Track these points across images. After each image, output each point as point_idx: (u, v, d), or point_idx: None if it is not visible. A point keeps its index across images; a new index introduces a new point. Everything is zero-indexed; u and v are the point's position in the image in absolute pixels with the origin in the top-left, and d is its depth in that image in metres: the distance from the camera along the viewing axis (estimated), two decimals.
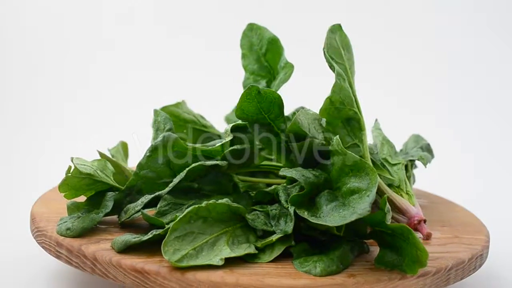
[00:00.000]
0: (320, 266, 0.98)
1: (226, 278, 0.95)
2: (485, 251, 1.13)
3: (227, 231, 1.04)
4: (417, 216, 1.14)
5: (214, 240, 1.02)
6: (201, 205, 1.02)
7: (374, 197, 0.97)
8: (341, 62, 1.16)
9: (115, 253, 1.01)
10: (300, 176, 1.04)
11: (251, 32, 1.34)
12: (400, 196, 1.16)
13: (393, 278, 0.98)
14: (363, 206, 0.96)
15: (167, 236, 0.98)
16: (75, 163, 1.08)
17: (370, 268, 1.01)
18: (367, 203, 0.96)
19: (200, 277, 0.95)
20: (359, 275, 0.98)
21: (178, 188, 1.10)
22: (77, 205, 1.13)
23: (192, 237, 1.01)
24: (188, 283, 0.95)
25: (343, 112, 1.16)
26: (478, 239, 1.15)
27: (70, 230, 1.06)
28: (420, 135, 1.40)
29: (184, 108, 1.37)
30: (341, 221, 0.96)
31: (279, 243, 1.03)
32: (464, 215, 1.29)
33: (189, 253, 0.98)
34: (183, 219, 1.01)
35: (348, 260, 1.01)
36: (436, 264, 1.03)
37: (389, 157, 1.22)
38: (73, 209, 1.12)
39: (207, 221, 1.03)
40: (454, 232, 1.18)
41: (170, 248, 0.98)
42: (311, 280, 0.95)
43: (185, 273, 0.95)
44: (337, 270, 0.98)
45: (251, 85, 1.09)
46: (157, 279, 0.96)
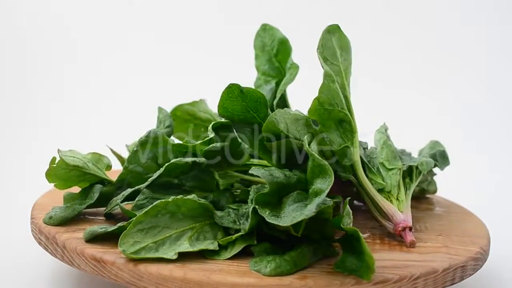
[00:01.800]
0: (271, 266, 0.97)
1: (174, 272, 0.96)
2: (472, 263, 1.07)
3: (194, 227, 1.05)
4: (402, 223, 1.11)
5: (178, 235, 1.03)
6: (169, 200, 1.04)
7: (322, 199, 0.95)
8: (336, 63, 1.15)
9: (84, 242, 1.05)
10: (267, 175, 1.04)
11: (264, 32, 1.34)
12: (389, 202, 1.13)
13: (346, 283, 0.95)
14: (310, 207, 0.95)
15: (128, 228, 1.01)
16: (61, 154, 1.12)
17: (328, 272, 0.98)
18: (314, 204, 0.95)
19: (150, 270, 0.97)
20: (312, 277, 0.96)
21: (158, 183, 1.12)
22: (72, 196, 1.18)
23: (157, 230, 1.02)
24: (139, 275, 0.97)
25: (334, 113, 1.14)
26: (469, 250, 1.10)
27: (52, 219, 1.11)
28: (438, 142, 1.35)
29: (200, 107, 1.39)
30: (290, 221, 0.95)
31: (240, 241, 1.03)
32: (472, 225, 1.23)
33: (148, 245, 1.00)
34: (149, 212, 1.03)
35: (305, 262, 0.99)
36: (401, 272, 0.99)
37: (387, 161, 1.19)
38: (68, 200, 1.17)
39: (176, 216, 1.04)
40: (447, 241, 1.13)
41: (130, 239, 1.00)
42: (257, 279, 0.95)
43: (138, 265, 0.97)
44: (288, 271, 0.97)
45: (231, 83, 1.09)
46: (112, 269, 0.99)
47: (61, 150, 1.13)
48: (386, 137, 1.23)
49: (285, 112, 1.09)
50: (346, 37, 1.17)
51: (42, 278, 1.19)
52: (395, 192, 1.15)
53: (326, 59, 1.14)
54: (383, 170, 1.18)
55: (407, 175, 1.20)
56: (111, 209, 1.13)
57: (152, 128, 1.17)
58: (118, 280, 0.99)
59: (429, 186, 1.36)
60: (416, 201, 1.37)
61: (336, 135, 1.16)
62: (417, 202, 1.36)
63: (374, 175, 1.17)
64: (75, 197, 1.17)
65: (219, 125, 1.14)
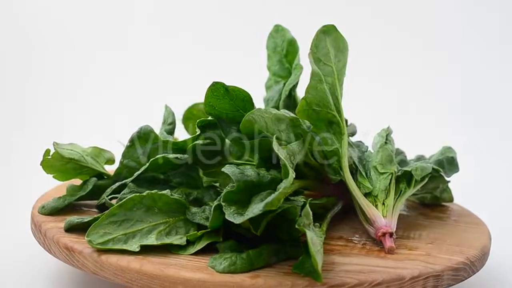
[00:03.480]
0: (225, 263, 0.97)
1: (131, 264, 0.98)
2: (450, 273, 1.03)
3: (168, 222, 1.07)
4: (383, 228, 1.08)
5: (150, 229, 1.05)
6: (143, 194, 1.06)
7: (270, 200, 0.94)
8: (329, 63, 1.14)
9: (63, 232, 1.09)
10: (236, 173, 1.04)
11: (276, 33, 1.35)
12: (374, 207, 1.11)
13: (298, 284, 0.94)
14: (258, 206, 0.94)
15: (100, 219, 1.04)
16: (56, 147, 1.17)
17: (284, 273, 0.98)
18: (262, 204, 0.94)
19: (111, 260, 0.99)
20: (265, 277, 0.96)
21: (144, 178, 1.15)
22: (74, 187, 1.22)
23: (130, 223, 1.05)
24: (101, 265, 1.00)
25: (322, 114, 1.13)
26: (450, 259, 1.05)
27: (44, 208, 1.16)
28: (450, 148, 1.30)
29: None
30: (240, 220, 0.95)
31: (206, 238, 1.04)
32: (473, 236, 1.18)
33: (117, 237, 1.03)
34: (124, 205, 1.06)
35: (262, 261, 0.99)
36: (363, 277, 0.97)
37: (380, 165, 1.16)
38: (69, 191, 1.22)
39: (151, 210, 1.07)
40: (434, 250, 1.09)
41: (100, 230, 1.03)
42: (208, 276, 0.95)
43: (101, 255, 1.00)
44: (242, 269, 0.97)
45: (215, 82, 1.10)
46: (79, 258, 1.02)
47: (57, 143, 1.17)
48: (384, 141, 1.20)
49: (265, 111, 1.08)
50: (342, 38, 1.15)
51: (42, 278, 1.21)
52: (382, 196, 1.12)
53: (319, 59, 1.13)
54: (374, 174, 1.15)
55: (404, 180, 1.17)
56: (99, 201, 1.16)
57: (144, 124, 1.19)
58: (84, 269, 1.02)
59: (443, 194, 1.31)
60: (429, 208, 1.33)
61: (327, 136, 1.14)
62: (430, 209, 1.32)
63: (363, 178, 1.14)
64: (76, 189, 1.21)
65: (206, 123, 1.15)
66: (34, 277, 1.19)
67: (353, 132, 1.32)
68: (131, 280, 0.98)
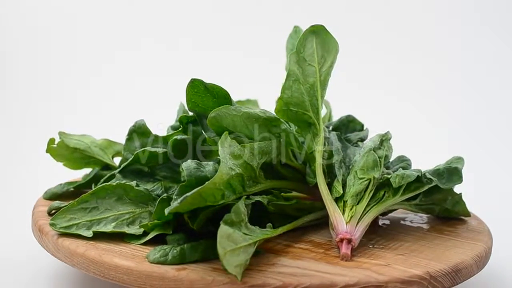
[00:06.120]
0: (157, 254, 0.99)
1: (78, 249, 1.03)
2: (397, 285, 0.97)
3: (134, 212, 1.11)
4: (342, 234, 1.05)
5: (115, 217, 1.10)
6: (115, 184, 1.11)
7: (181, 199, 0.95)
8: (313, 64, 1.12)
9: (47, 216, 1.16)
10: (190, 168, 1.05)
11: (295, 34, 1.34)
12: (340, 211, 1.08)
13: (219, 281, 0.94)
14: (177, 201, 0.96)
15: (70, 205, 1.10)
16: (62, 136, 1.25)
17: (213, 269, 0.98)
18: (178, 200, 0.96)
19: (64, 243, 1.05)
20: (190, 270, 0.97)
21: (130, 169, 1.19)
22: (85, 177, 1.30)
23: (99, 211, 1.11)
24: (57, 246, 1.06)
25: (299, 115, 1.12)
26: (405, 272, 1.00)
27: (46, 193, 1.25)
28: (459, 158, 1.22)
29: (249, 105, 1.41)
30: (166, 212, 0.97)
31: (157, 229, 1.07)
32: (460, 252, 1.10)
33: (82, 223, 1.09)
34: (96, 193, 1.11)
35: (196, 255, 1.00)
36: (289, 279, 0.95)
37: (361, 170, 1.12)
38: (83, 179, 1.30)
39: (122, 199, 1.11)
40: (398, 262, 1.04)
41: (68, 215, 1.10)
42: (136, 264, 0.98)
43: (59, 238, 1.07)
44: (172, 261, 0.98)
45: (193, 78, 1.12)
46: (45, 240, 1.09)
47: (63, 132, 1.25)
48: (376, 146, 1.15)
49: (234, 109, 1.09)
50: (332, 38, 1.13)
51: (42, 278, 1.23)
52: (352, 202, 1.08)
53: (304, 59, 1.12)
54: (353, 179, 1.11)
55: (387, 188, 1.12)
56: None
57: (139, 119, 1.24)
58: (47, 250, 1.09)
59: (456, 207, 1.23)
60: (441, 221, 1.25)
61: (309, 138, 1.13)
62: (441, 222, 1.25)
63: (338, 182, 1.11)
64: (85, 178, 1.29)
65: (187, 120, 1.17)
66: (34, 277, 1.22)
67: (364, 137, 1.28)
68: (77, 263, 1.03)
